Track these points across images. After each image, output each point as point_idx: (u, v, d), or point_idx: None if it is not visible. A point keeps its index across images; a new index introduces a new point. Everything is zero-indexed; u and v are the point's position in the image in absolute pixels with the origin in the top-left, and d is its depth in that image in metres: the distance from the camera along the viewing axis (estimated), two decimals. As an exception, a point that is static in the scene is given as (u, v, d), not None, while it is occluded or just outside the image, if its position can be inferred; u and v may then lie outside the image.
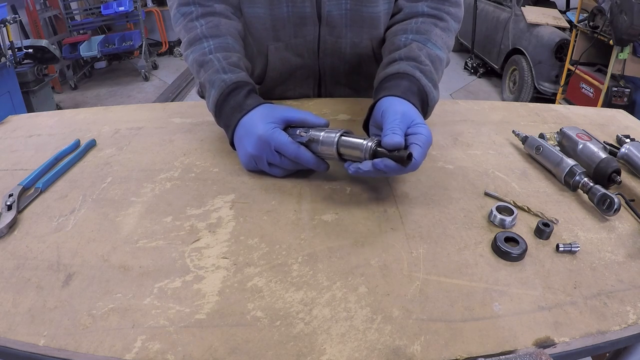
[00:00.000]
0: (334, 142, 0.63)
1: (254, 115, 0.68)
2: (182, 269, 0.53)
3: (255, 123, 0.67)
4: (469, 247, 0.57)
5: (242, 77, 0.73)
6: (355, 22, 0.86)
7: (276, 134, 0.65)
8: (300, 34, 0.87)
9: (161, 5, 6.06)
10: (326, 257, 0.55)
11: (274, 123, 0.66)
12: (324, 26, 0.86)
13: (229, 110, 0.71)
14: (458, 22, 0.84)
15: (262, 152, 0.67)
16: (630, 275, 0.53)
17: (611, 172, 0.66)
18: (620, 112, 0.99)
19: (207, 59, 0.75)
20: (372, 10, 0.84)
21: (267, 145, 0.65)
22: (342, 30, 0.87)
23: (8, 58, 3.02)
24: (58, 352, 0.44)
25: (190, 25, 0.79)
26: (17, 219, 0.62)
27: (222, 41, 0.77)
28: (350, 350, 0.44)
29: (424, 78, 0.72)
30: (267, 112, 0.68)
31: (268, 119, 0.67)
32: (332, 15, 0.84)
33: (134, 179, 0.71)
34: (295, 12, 0.84)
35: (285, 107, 0.69)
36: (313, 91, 1.01)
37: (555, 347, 0.45)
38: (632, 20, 2.71)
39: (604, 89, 3.15)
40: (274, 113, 0.68)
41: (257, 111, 0.69)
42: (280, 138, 0.65)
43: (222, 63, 0.73)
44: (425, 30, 0.79)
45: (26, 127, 0.92)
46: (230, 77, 0.72)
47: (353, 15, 0.85)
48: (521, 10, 4.12)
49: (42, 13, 4.74)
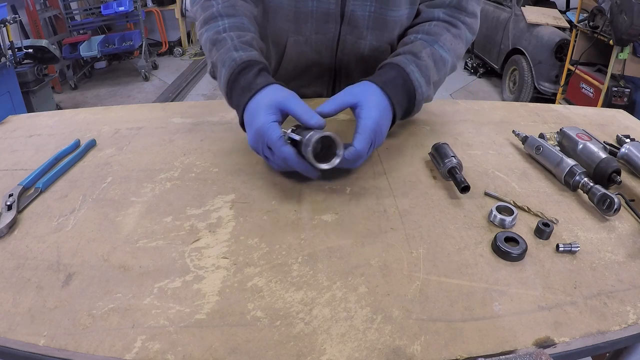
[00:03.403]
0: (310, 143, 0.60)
1: (260, 98, 0.67)
2: (182, 269, 0.53)
3: (257, 111, 0.65)
4: (469, 247, 0.57)
5: (254, 56, 0.72)
6: (377, 24, 0.86)
7: (270, 130, 0.63)
8: (322, 31, 0.87)
9: (161, 5, 6.06)
10: (326, 257, 0.55)
11: (273, 115, 0.64)
12: (346, 25, 0.87)
13: (239, 90, 0.70)
14: (472, 34, 0.85)
15: (257, 144, 0.66)
16: (630, 275, 0.53)
17: (611, 172, 0.66)
18: (620, 112, 0.99)
19: (220, 38, 0.74)
20: (395, 14, 0.85)
21: (262, 139, 0.64)
22: (363, 32, 0.87)
23: (8, 58, 3.02)
24: (58, 352, 0.44)
25: (207, 4, 0.80)
26: (17, 219, 0.62)
27: (237, 20, 0.77)
28: (350, 350, 0.44)
29: (416, 72, 0.73)
30: (272, 96, 0.66)
31: (270, 109, 0.65)
32: (355, 15, 0.85)
33: (134, 179, 0.71)
34: (320, 8, 0.84)
35: (290, 95, 0.67)
36: (327, 90, 1.00)
37: (555, 347, 0.45)
38: (632, 20, 2.70)
39: (604, 89, 3.15)
40: (277, 98, 0.66)
41: (263, 93, 0.67)
42: (273, 135, 0.63)
43: (235, 41, 0.73)
44: (435, 32, 0.80)
45: (26, 127, 0.92)
46: (241, 56, 0.71)
47: (376, 18, 0.85)
48: (521, 10, 4.12)
49: (42, 13, 4.74)
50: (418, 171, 0.73)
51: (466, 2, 0.83)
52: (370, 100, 0.68)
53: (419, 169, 0.74)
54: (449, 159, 0.68)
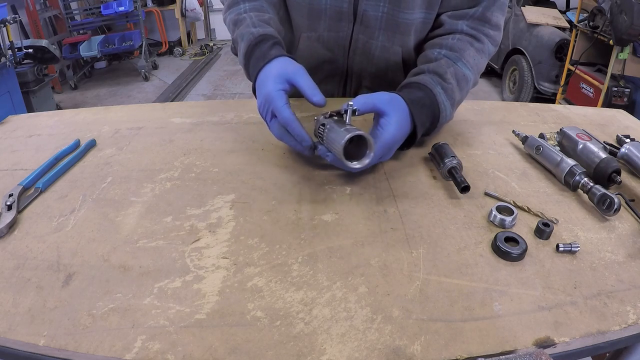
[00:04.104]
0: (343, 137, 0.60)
1: (272, 67, 0.72)
2: (182, 269, 0.53)
3: (267, 78, 0.70)
4: (469, 247, 0.57)
5: (270, 32, 0.77)
6: (389, 26, 0.86)
7: (277, 98, 0.68)
8: (334, 29, 0.89)
9: (161, 5, 6.06)
10: (326, 257, 0.55)
11: (280, 84, 0.69)
12: (358, 25, 0.87)
13: (255, 60, 0.75)
14: (495, 46, 0.85)
15: (263, 109, 0.71)
16: (630, 275, 0.53)
17: (611, 172, 0.66)
18: (620, 112, 0.99)
19: (241, 18, 0.81)
20: (408, 17, 0.84)
21: (268, 104, 0.69)
22: (375, 32, 0.88)
23: (8, 58, 3.02)
24: (58, 352, 0.44)
25: None
26: (17, 219, 0.62)
27: (257, 4, 0.84)
28: (350, 350, 0.44)
29: (442, 94, 0.73)
30: (282, 66, 0.71)
31: (279, 78, 0.69)
32: (367, 15, 0.85)
33: (134, 179, 0.71)
34: (333, 6, 0.86)
35: (299, 68, 0.71)
36: (338, 89, 1.01)
37: (555, 347, 0.45)
38: (632, 20, 2.70)
39: (604, 89, 3.15)
40: (287, 70, 0.70)
41: (275, 62, 0.72)
42: (278, 102, 0.67)
43: (254, 19, 0.80)
44: (459, 49, 0.79)
45: (26, 127, 0.92)
46: (258, 30, 0.77)
47: (388, 19, 0.85)
48: (521, 10, 4.12)
49: (42, 13, 4.74)
50: (418, 171, 0.73)
51: (490, 14, 0.82)
52: (396, 114, 0.67)
53: (419, 169, 0.74)
54: (449, 159, 0.68)
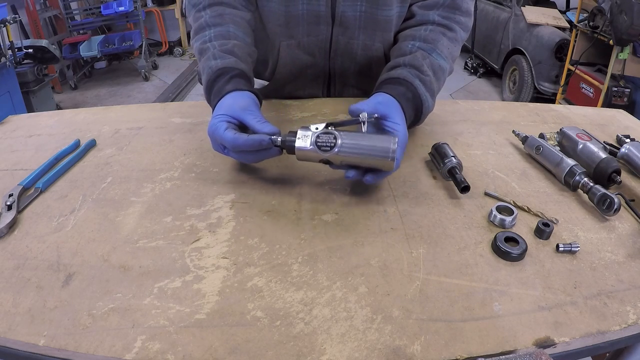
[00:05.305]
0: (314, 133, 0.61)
1: (222, 103, 0.68)
2: (182, 269, 0.53)
3: (214, 116, 0.66)
4: (469, 247, 0.57)
5: (229, 63, 0.73)
6: (368, 24, 0.86)
7: (216, 129, 0.64)
8: (313, 33, 0.88)
9: (161, 5, 6.06)
10: (326, 257, 0.55)
11: (223, 115, 0.65)
12: (337, 26, 0.87)
13: (213, 96, 0.72)
14: (467, 32, 0.85)
15: (216, 147, 0.68)
16: (630, 275, 0.53)
17: (611, 172, 0.66)
18: (620, 112, 0.99)
19: (205, 47, 0.77)
20: (387, 13, 0.85)
21: (214, 139, 0.66)
22: (355, 32, 0.87)
23: (8, 58, 3.01)
24: (58, 352, 0.44)
25: (197, 15, 0.82)
26: (17, 219, 0.62)
27: (222, 29, 0.78)
28: (350, 350, 0.44)
29: (422, 87, 0.73)
30: (231, 103, 0.67)
31: (223, 117, 0.65)
32: (346, 16, 0.85)
33: (134, 179, 0.71)
34: (310, 10, 0.84)
35: (248, 103, 0.67)
36: (322, 91, 1.01)
37: (555, 347, 0.45)
38: (632, 20, 2.70)
39: (604, 89, 3.15)
40: (233, 107, 0.66)
41: (226, 99, 0.68)
42: (219, 131, 0.63)
43: (216, 50, 0.75)
44: (432, 40, 0.79)
45: (26, 127, 0.92)
46: (217, 64, 0.73)
47: (367, 18, 0.85)
48: (521, 10, 4.12)
49: (42, 13, 4.73)
50: (418, 171, 0.73)
51: (461, 1, 0.83)
52: (397, 113, 0.67)
53: (419, 169, 0.74)
54: (449, 159, 0.68)
